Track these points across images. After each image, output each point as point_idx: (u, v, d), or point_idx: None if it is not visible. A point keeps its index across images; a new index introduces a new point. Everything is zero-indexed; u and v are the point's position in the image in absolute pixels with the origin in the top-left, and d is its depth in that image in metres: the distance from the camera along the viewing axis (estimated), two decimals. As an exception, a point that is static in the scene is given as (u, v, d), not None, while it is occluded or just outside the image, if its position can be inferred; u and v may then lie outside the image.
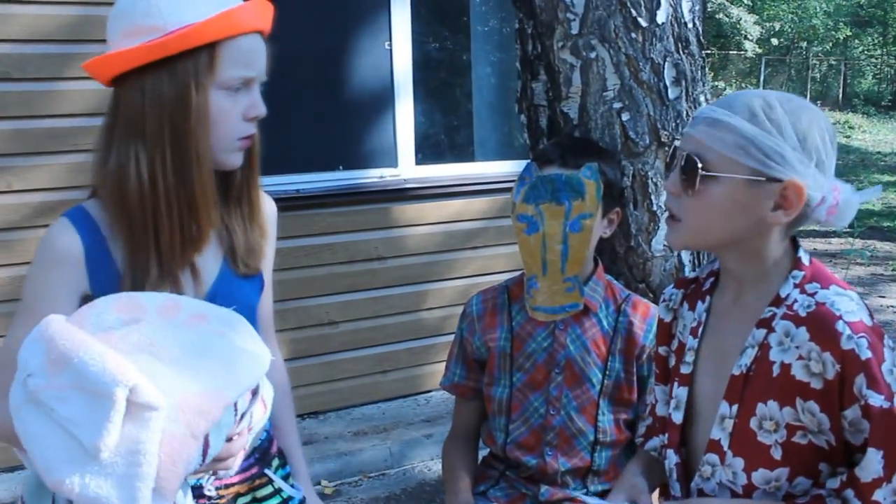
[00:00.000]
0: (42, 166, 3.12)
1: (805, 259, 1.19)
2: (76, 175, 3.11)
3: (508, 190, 3.98)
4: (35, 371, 1.04)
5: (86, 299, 1.20)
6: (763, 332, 1.16)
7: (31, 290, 1.22)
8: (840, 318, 1.09)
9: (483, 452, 1.97)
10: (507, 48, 4.45)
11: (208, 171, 1.21)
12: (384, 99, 3.86)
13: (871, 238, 8.54)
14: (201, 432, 1.06)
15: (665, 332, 1.40)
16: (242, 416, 1.16)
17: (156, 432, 1.01)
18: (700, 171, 1.12)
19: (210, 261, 1.29)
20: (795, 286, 1.16)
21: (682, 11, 1.85)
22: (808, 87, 25.71)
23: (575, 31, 1.81)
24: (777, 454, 1.15)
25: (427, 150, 4.09)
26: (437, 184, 3.98)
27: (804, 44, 28.36)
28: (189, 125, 1.17)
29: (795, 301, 1.14)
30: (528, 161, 1.81)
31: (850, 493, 1.10)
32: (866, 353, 1.06)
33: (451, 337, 4.08)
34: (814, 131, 1.11)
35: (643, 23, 1.79)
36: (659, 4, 1.80)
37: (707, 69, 1.97)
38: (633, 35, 1.80)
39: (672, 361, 1.34)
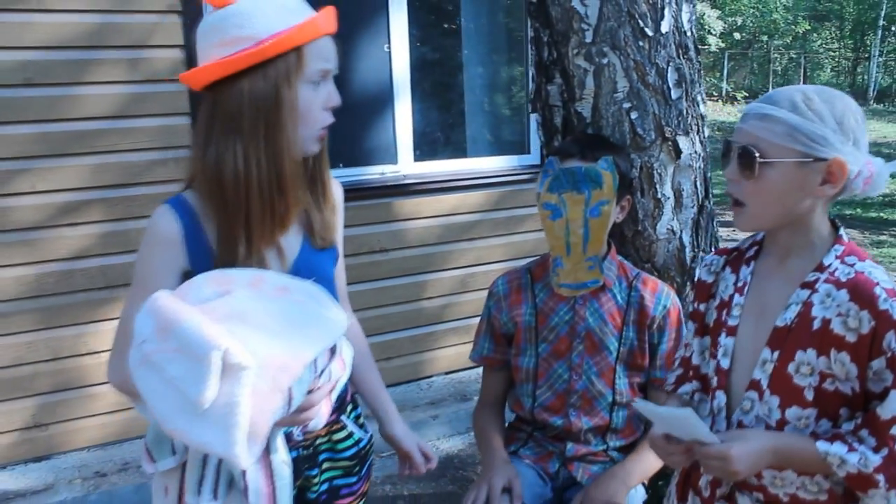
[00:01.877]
0: (64, 168, 3.19)
1: (845, 237, 1.39)
2: (97, 175, 3.23)
3: (500, 184, 4.23)
4: (148, 338, 1.22)
5: (186, 275, 1.38)
6: (807, 292, 1.36)
7: (140, 268, 1.40)
8: (878, 284, 1.30)
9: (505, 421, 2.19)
10: (497, 50, 4.62)
11: (297, 158, 1.40)
12: (384, 99, 4.00)
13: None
14: (285, 386, 1.23)
15: (705, 292, 1.56)
16: (321, 372, 1.34)
17: (247, 387, 1.18)
18: (757, 159, 1.32)
19: (291, 239, 1.47)
20: (836, 257, 1.36)
21: (682, 22, 2.08)
22: (770, 79, 26.22)
23: (589, 39, 2.03)
24: (809, 396, 1.34)
25: (424, 148, 4.23)
26: (434, 179, 4.10)
27: (765, 38, 28.91)
28: (282, 118, 1.34)
29: (837, 269, 1.34)
30: (550, 156, 2.02)
31: (865, 432, 1.29)
32: None
33: (451, 324, 4.32)
34: (848, 115, 1.31)
35: (649, 32, 2.01)
36: (662, 16, 2.03)
37: (702, 71, 2.20)
38: (641, 43, 2.02)
39: (713, 316, 1.52)
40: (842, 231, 1.40)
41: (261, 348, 1.22)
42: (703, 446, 1.33)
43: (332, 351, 1.37)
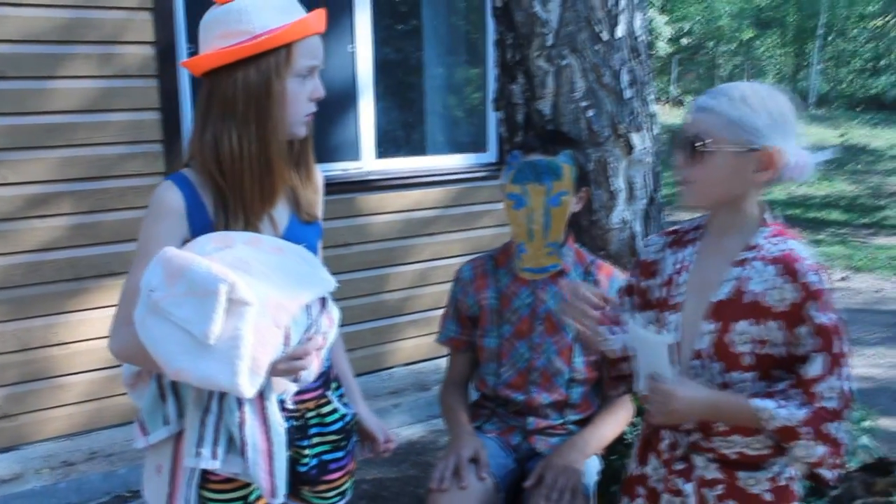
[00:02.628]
0: (35, 160, 3.23)
1: (772, 219, 1.55)
2: (68, 168, 3.29)
3: (459, 181, 4.37)
4: (156, 286, 1.33)
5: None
6: (739, 269, 1.52)
7: (145, 239, 1.51)
8: (802, 259, 1.47)
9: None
10: (457, 52, 4.76)
11: (283, 141, 1.53)
12: (348, 98, 4.10)
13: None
14: (283, 323, 1.36)
15: (647, 270, 1.70)
16: (313, 322, 1.47)
17: (249, 322, 1.30)
18: (700, 147, 1.48)
19: (282, 213, 1.61)
20: (765, 238, 1.52)
21: (635, 28, 2.26)
22: (716, 84, 26.79)
23: (550, 42, 2.19)
24: (748, 361, 1.51)
25: (387, 145, 4.34)
26: (396, 176, 4.21)
27: (712, 43, 29.58)
28: (271, 106, 1.48)
29: (765, 247, 1.51)
30: (513, 150, 2.18)
31: (793, 391, 1.46)
32: (820, 286, 1.44)
33: (411, 317, 4.44)
34: (781, 110, 1.48)
35: (605, 37, 2.18)
36: (617, 22, 2.20)
37: (653, 74, 2.37)
38: (597, 47, 2.19)
39: (657, 293, 1.67)
40: (769, 214, 1.56)
41: (261, 290, 1.34)
42: (656, 380, 1.49)
43: (323, 305, 1.50)
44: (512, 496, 2.12)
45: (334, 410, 1.72)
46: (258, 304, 1.32)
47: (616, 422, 2.20)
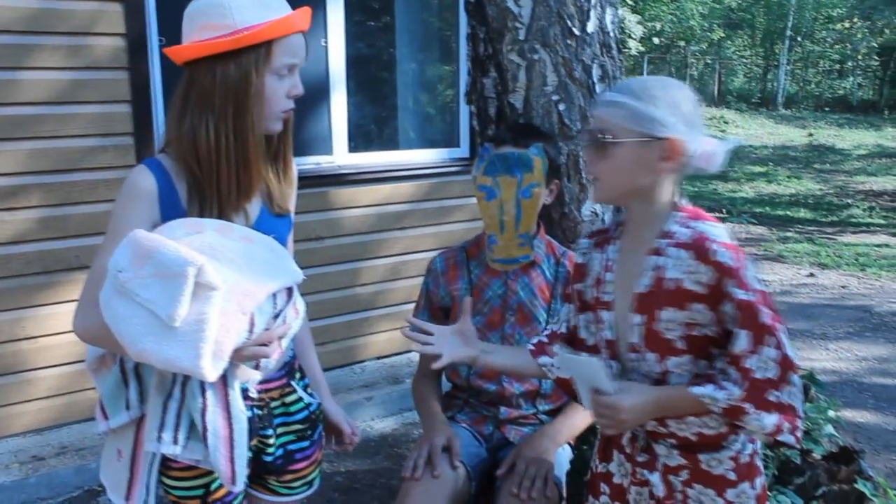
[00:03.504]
0: (3, 152, 3.20)
1: (684, 203, 1.58)
2: (36, 161, 3.26)
3: (431, 176, 4.39)
4: (124, 267, 1.33)
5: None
6: (656, 258, 1.55)
7: (115, 222, 1.50)
8: (713, 239, 1.48)
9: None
10: (429, 48, 4.78)
11: (260, 136, 1.54)
12: (320, 92, 4.10)
13: (740, 223, 9.39)
14: (248, 310, 1.37)
15: (580, 272, 1.74)
16: (279, 312, 1.47)
17: (215, 307, 1.31)
18: (604, 140, 1.51)
19: (254, 203, 1.62)
20: (677, 223, 1.54)
21: (606, 23, 2.29)
22: (687, 83, 27.10)
23: (522, 37, 2.21)
24: (680, 345, 1.54)
25: (359, 140, 4.35)
26: (368, 170, 4.22)
27: (682, 43, 29.88)
28: (248, 101, 1.49)
29: (678, 233, 1.53)
30: (485, 143, 2.20)
31: (728, 366, 1.48)
32: (733, 263, 1.46)
33: (383, 310, 4.44)
34: (682, 100, 1.51)
35: (576, 32, 2.21)
36: (588, 17, 2.23)
37: (624, 71, 2.41)
38: (569, 42, 2.21)
39: (589, 294, 1.71)
40: (681, 199, 1.58)
41: (228, 276, 1.35)
42: (599, 395, 1.52)
43: (289, 296, 1.51)
44: (484, 485, 2.15)
45: (299, 399, 1.73)
46: (224, 290, 1.33)
47: (587, 412, 2.22)
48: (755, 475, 1.63)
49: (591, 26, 2.24)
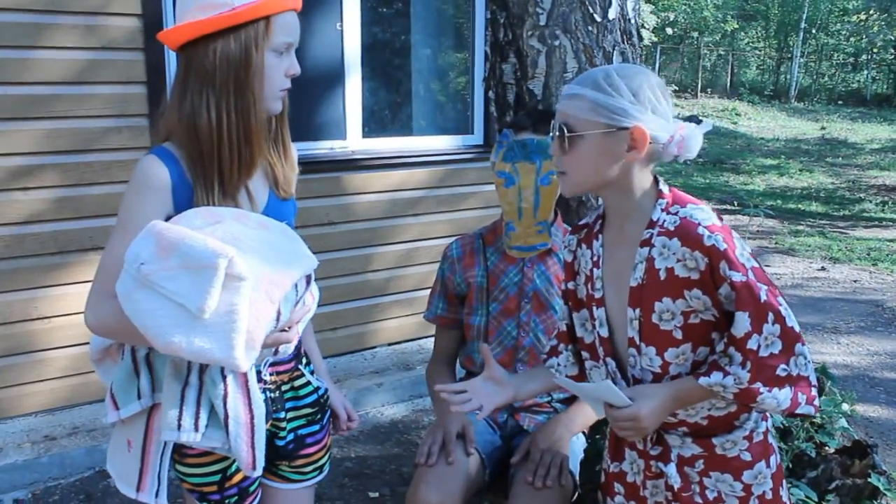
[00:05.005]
0: (18, 132, 3.20)
1: (665, 189, 1.55)
2: (51, 140, 3.25)
3: (445, 163, 4.38)
4: (147, 259, 1.31)
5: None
6: (646, 249, 1.52)
7: (127, 213, 1.49)
8: (700, 224, 1.46)
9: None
10: (445, 34, 4.75)
11: (261, 113, 1.54)
12: (335, 76, 4.08)
13: (756, 216, 9.35)
14: (276, 299, 1.37)
15: (570, 270, 1.73)
16: (300, 298, 1.48)
17: (245, 297, 1.31)
18: (568, 133, 1.49)
19: (261, 190, 1.62)
20: (662, 210, 1.52)
21: (627, 10, 2.27)
22: (700, 75, 26.97)
23: (542, 23, 2.19)
24: (678, 335, 1.52)
25: (373, 125, 4.33)
26: (381, 156, 4.20)
27: (696, 34, 29.70)
28: (249, 77, 1.48)
29: (664, 221, 1.50)
30: (504, 129, 2.18)
31: (732, 349, 1.46)
32: (723, 245, 1.44)
33: (395, 297, 4.45)
34: (644, 88, 1.47)
35: (598, 18, 2.19)
36: (610, 3, 2.21)
37: (643, 56, 2.39)
38: (590, 28, 2.20)
39: (582, 292, 1.69)
40: (661, 184, 1.55)
41: (254, 266, 1.34)
42: (616, 409, 1.51)
43: (308, 282, 1.51)
44: (498, 472, 2.14)
45: (308, 383, 1.74)
46: (252, 279, 1.32)
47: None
48: (770, 453, 1.62)
49: (612, 13, 2.22)
